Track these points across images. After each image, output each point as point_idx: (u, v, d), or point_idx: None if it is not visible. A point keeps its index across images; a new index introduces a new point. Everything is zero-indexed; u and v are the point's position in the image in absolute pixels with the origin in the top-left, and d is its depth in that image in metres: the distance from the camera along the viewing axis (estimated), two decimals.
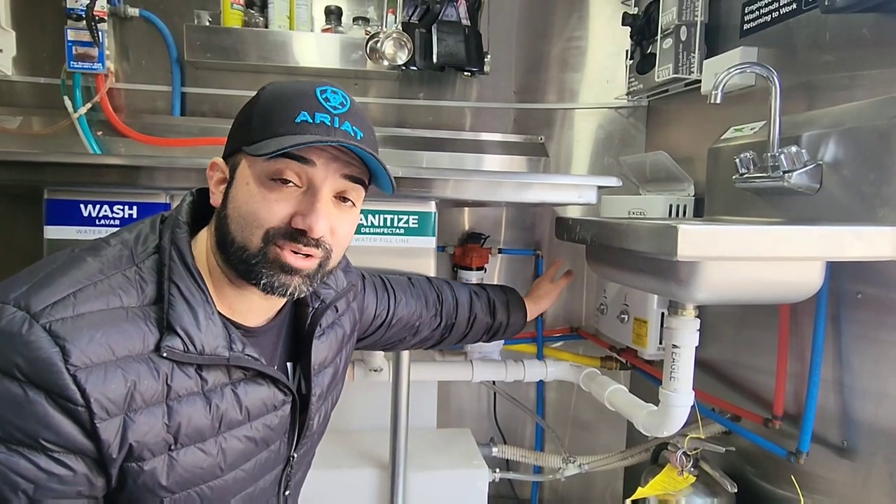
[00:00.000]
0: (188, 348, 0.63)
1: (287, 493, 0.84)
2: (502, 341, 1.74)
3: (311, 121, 0.65)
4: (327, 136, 0.65)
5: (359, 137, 0.67)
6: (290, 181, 0.66)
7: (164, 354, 0.61)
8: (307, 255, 0.67)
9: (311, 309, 0.80)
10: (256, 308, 0.72)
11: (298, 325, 0.81)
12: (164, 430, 0.62)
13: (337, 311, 0.86)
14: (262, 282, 0.66)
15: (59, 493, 0.57)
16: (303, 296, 0.71)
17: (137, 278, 0.63)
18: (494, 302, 1.20)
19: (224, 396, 0.67)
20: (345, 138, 0.66)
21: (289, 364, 0.81)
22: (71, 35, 1.55)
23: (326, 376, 0.84)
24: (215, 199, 0.70)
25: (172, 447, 0.63)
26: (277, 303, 0.75)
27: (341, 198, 0.70)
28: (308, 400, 0.79)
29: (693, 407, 1.13)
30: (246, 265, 0.66)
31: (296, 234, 0.66)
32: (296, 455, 0.82)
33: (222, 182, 0.70)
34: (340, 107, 0.68)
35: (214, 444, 0.67)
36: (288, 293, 0.68)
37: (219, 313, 0.67)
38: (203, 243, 0.71)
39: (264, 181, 0.66)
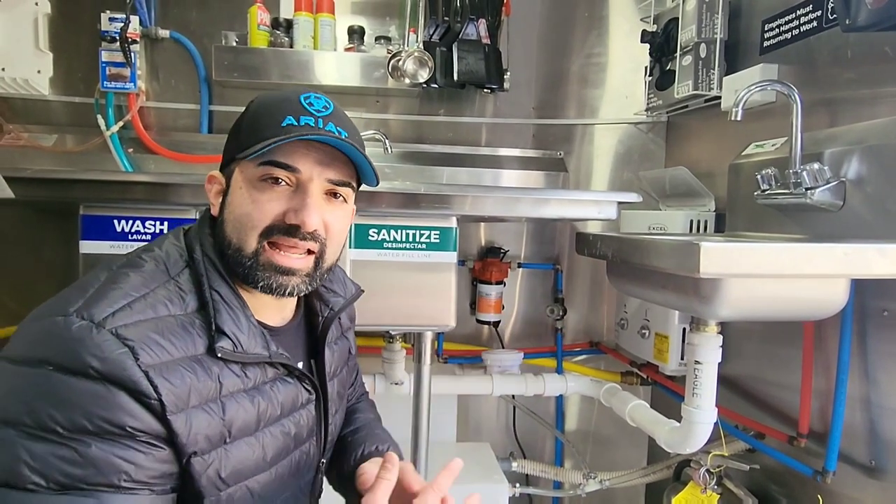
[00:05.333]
0: (237, 348, 0.67)
1: (320, 499, 0.88)
2: (522, 354, 1.75)
3: (296, 123, 0.68)
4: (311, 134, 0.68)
5: (343, 136, 0.70)
6: (281, 180, 0.69)
7: (219, 355, 0.65)
8: (306, 253, 0.70)
9: (321, 318, 0.84)
10: (270, 309, 0.76)
11: (311, 332, 0.85)
12: (221, 425, 0.66)
13: (341, 327, 0.90)
14: (261, 284, 0.70)
15: (153, 472, 0.60)
16: (303, 294, 0.74)
17: (177, 290, 0.67)
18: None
19: (264, 393, 0.71)
20: (328, 137, 0.69)
21: (311, 361, 0.84)
22: (105, 56, 1.62)
23: (337, 384, 0.87)
24: (214, 210, 0.74)
25: (227, 440, 0.67)
26: (288, 303, 0.79)
27: (332, 193, 0.73)
28: (327, 399, 0.83)
29: (716, 424, 1.12)
30: (243, 268, 0.69)
31: (290, 230, 0.69)
32: (324, 461, 0.85)
33: (220, 193, 0.74)
34: (324, 110, 0.71)
35: (258, 439, 0.71)
36: (286, 292, 0.71)
37: (253, 317, 0.71)
38: None
39: (256, 184, 0.69)
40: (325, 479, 0.89)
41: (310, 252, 0.71)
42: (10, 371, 0.59)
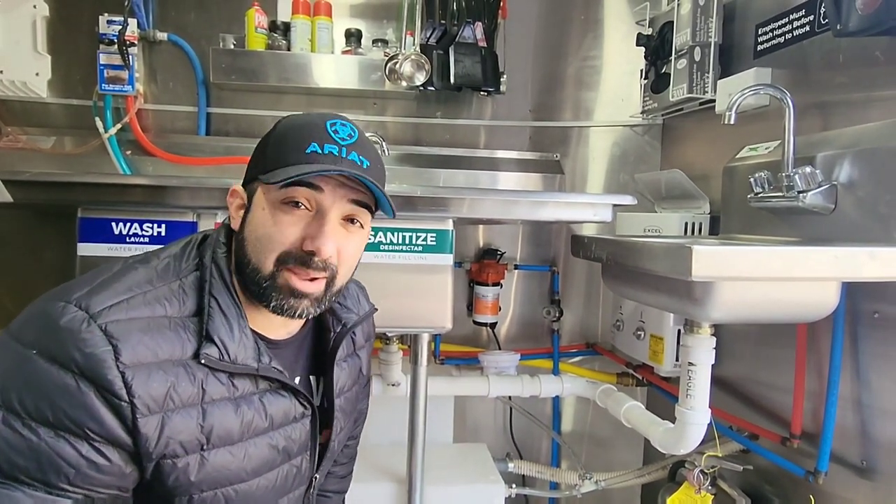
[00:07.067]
0: (223, 357, 0.68)
1: None
2: (518, 356, 1.76)
3: (320, 151, 0.70)
4: (334, 165, 0.70)
5: (365, 166, 0.72)
6: (301, 204, 0.70)
7: (202, 361, 0.66)
8: (314, 279, 0.71)
9: (333, 334, 0.84)
10: (275, 324, 0.77)
11: (321, 345, 0.85)
12: (199, 431, 0.67)
13: (354, 345, 0.90)
14: (272, 304, 0.71)
15: (94, 480, 0.62)
16: (310, 316, 0.75)
17: (180, 292, 0.69)
18: None
19: (252, 404, 0.72)
20: (351, 167, 0.70)
21: (312, 378, 0.84)
22: (103, 59, 1.62)
23: (345, 402, 0.87)
24: (235, 224, 0.75)
25: (205, 447, 0.68)
26: (294, 321, 0.79)
27: (349, 219, 0.74)
28: (331, 416, 0.83)
29: (710, 425, 1.13)
30: (258, 287, 0.71)
31: (305, 258, 0.70)
32: (318, 476, 0.85)
33: (241, 208, 0.75)
34: (348, 138, 0.72)
35: (241, 448, 0.71)
36: (296, 315, 0.72)
37: (249, 327, 0.72)
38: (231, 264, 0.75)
39: (277, 206, 0.71)
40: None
41: (320, 279, 0.72)
42: (4, 343, 0.63)
